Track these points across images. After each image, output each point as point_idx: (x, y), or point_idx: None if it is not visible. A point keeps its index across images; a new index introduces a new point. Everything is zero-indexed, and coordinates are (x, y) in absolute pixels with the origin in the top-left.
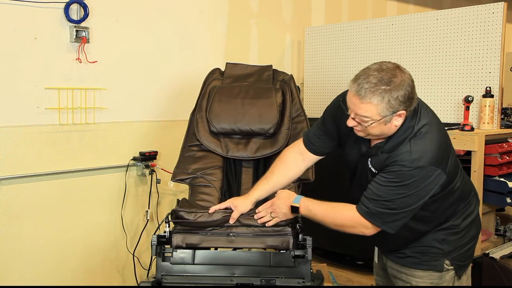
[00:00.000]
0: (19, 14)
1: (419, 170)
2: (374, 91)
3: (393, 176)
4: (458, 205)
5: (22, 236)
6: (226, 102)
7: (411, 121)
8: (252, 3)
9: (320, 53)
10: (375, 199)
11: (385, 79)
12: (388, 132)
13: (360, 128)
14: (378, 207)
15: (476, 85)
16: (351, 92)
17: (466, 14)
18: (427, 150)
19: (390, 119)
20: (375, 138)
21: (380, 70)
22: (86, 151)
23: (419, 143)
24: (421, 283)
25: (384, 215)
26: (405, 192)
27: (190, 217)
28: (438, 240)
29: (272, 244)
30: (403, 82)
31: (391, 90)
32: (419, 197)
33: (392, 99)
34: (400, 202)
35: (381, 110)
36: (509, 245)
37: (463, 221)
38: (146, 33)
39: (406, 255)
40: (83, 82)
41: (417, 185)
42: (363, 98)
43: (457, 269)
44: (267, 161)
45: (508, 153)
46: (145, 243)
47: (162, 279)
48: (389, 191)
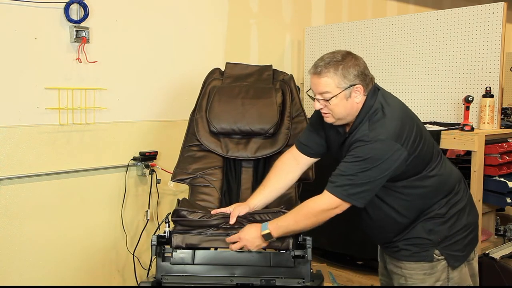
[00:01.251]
0: (19, 14)
1: (378, 143)
2: (328, 65)
3: (355, 153)
4: (438, 193)
5: (22, 236)
6: (226, 102)
7: (370, 101)
8: (252, 3)
9: (320, 53)
10: (340, 174)
11: (337, 57)
12: (351, 110)
13: (326, 110)
14: (343, 181)
15: (476, 85)
16: (311, 74)
17: (466, 14)
18: (385, 125)
19: (349, 93)
20: (342, 122)
21: (332, 53)
22: (86, 151)
23: (377, 119)
24: (414, 275)
25: (348, 187)
26: (367, 166)
27: (192, 216)
28: (426, 231)
29: (272, 244)
30: (355, 61)
31: (343, 64)
32: (381, 170)
33: (345, 72)
34: (363, 175)
35: (338, 82)
36: (509, 245)
37: (449, 210)
38: (146, 33)
39: (399, 248)
40: (83, 82)
41: (377, 158)
42: (320, 74)
43: (449, 258)
44: (267, 161)
45: (508, 153)
46: (145, 243)
47: (162, 279)
48: (352, 166)
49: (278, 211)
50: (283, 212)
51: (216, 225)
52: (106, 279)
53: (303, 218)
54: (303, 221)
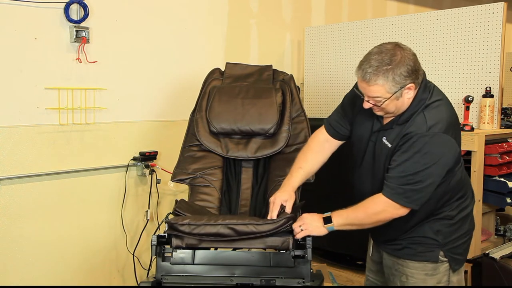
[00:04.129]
0: (19, 14)
1: (437, 137)
2: (377, 73)
3: (413, 148)
4: (454, 194)
5: (22, 236)
6: (226, 102)
7: (423, 94)
8: (252, 3)
9: (320, 53)
10: (400, 176)
11: (386, 60)
12: (402, 106)
13: (377, 108)
14: (403, 185)
15: (476, 85)
16: (359, 78)
17: (466, 14)
18: (442, 118)
19: (400, 94)
20: (392, 115)
21: (379, 53)
22: (86, 151)
23: (433, 112)
24: (416, 274)
25: (410, 192)
26: (428, 162)
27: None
28: (433, 231)
29: (272, 244)
30: (403, 59)
31: (393, 69)
32: (440, 167)
33: (396, 76)
34: (424, 174)
35: (389, 88)
36: (509, 245)
37: (458, 214)
38: (146, 33)
39: (403, 246)
40: (83, 82)
41: (438, 153)
42: (369, 82)
43: (451, 261)
44: (267, 161)
45: (508, 153)
46: (145, 243)
47: (162, 279)
48: (413, 164)
49: (278, 221)
50: (288, 216)
51: (208, 234)
52: (106, 279)
53: (364, 216)
54: (364, 219)
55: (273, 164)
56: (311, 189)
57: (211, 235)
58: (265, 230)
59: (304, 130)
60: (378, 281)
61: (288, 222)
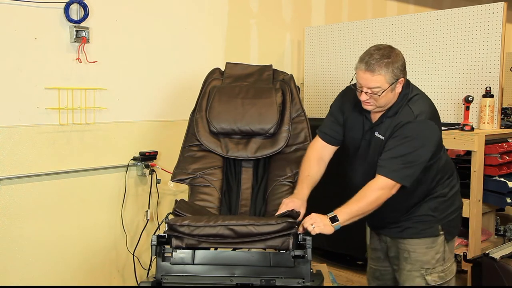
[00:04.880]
0: (19, 14)
1: (423, 123)
2: (381, 64)
3: (404, 134)
4: (444, 174)
5: (22, 236)
6: (226, 102)
7: (406, 89)
8: (252, 3)
9: (320, 53)
10: (392, 157)
11: (386, 54)
12: (392, 100)
13: (370, 101)
14: (397, 164)
15: (476, 85)
16: (361, 70)
17: (466, 14)
18: (424, 109)
19: (394, 86)
20: (380, 110)
21: (378, 49)
22: (86, 151)
23: (416, 104)
24: (417, 249)
25: (403, 170)
26: (416, 146)
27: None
28: (431, 209)
29: (272, 244)
30: (398, 55)
31: (393, 62)
32: (428, 148)
33: (394, 69)
34: (414, 155)
35: (389, 78)
36: (509, 245)
37: (450, 191)
38: (146, 33)
39: (405, 227)
40: (83, 82)
41: (424, 137)
42: (373, 72)
43: (447, 233)
44: (267, 161)
45: (508, 153)
46: (145, 243)
47: (162, 279)
48: (404, 147)
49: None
50: (290, 221)
51: (208, 235)
52: (106, 279)
53: (365, 205)
54: (366, 207)
55: (273, 164)
56: (313, 193)
57: (211, 236)
58: (264, 231)
59: (304, 130)
60: (379, 267)
61: (289, 227)
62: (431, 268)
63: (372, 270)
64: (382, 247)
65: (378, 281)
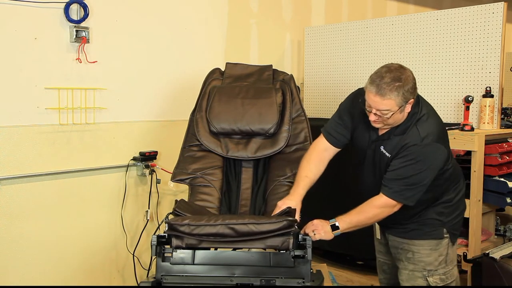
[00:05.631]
0: (19, 14)
1: (429, 146)
2: (391, 88)
3: (409, 156)
4: (450, 182)
5: (22, 236)
6: (226, 102)
7: (415, 108)
8: (252, 3)
9: (320, 53)
10: (396, 179)
11: (397, 77)
12: (401, 119)
13: (379, 120)
14: (399, 186)
15: (476, 85)
16: (372, 93)
17: (466, 14)
18: (431, 130)
19: (404, 108)
20: (388, 127)
21: (389, 71)
22: (86, 151)
23: (424, 125)
24: (421, 250)
25: (405, 191)
26: (421, 168)
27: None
28: (437, 213)
29: (272, 244)
30: (408, 77)
31: (403, 85)
32: (432, 170)
33: (405, 92)
34: (417, 177)
35: (398, 102)
36: (509, 245)
37: (456, 196)
38: (146, 33)
39: (410, 228)
40: (83, 82)
41: (429, 160)
42: (384, 96)
43: (451, 236)
44: (267, 161)
45: (508, 153)
46: (145, 243)
47: (162, 279)
48: (408, 169)
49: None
50: (290, 219)
51: (208, 234)
52: (106, 279)
53: (365, 219)
54: (366, 221)
55: (273, 164)
56: (311, 190)
57: (211, 235)
58: (265, 229)
59: (304, 130)
60: (388, 260)
61: (289, 225)
62: (434, 270)
63: (380, 263)
64: (386, 242)
65: (385, 274)
